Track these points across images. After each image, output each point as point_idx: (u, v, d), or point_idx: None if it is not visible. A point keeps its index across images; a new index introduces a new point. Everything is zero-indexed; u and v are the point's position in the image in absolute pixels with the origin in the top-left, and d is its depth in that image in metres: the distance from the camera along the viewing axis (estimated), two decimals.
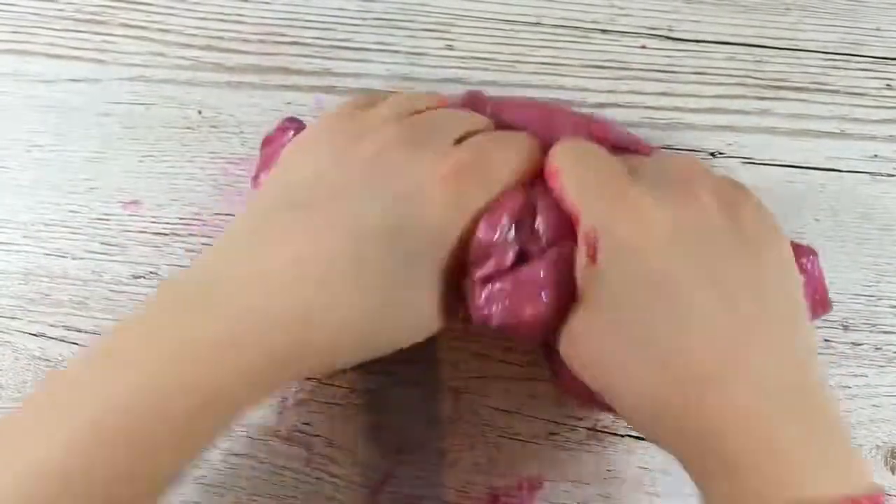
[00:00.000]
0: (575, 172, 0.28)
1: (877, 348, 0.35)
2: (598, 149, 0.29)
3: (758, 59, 0.38)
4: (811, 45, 0.38)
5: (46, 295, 0.36)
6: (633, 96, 0.37)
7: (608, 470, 0.34)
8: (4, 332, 0.35)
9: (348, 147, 0.28)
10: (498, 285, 0.28)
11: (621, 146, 0.32)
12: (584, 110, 0.37)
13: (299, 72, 0.38)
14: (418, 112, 0.30)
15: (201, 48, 0.38)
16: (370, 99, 0.31)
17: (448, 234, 0.27)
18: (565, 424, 0.34)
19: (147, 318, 0.25)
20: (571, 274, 0.28)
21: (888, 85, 0.38)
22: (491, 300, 0.28)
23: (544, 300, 0.27)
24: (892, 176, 0.37)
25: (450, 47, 0.38)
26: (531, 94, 0.37)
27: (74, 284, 0.36)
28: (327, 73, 0.38)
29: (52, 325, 0.35)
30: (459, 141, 0.29)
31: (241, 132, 0.37)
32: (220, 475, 0.34)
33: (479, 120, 0.31)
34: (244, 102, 0.37)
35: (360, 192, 0.27)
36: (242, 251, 0.26)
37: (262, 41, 0.38)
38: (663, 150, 0.37)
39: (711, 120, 0.37)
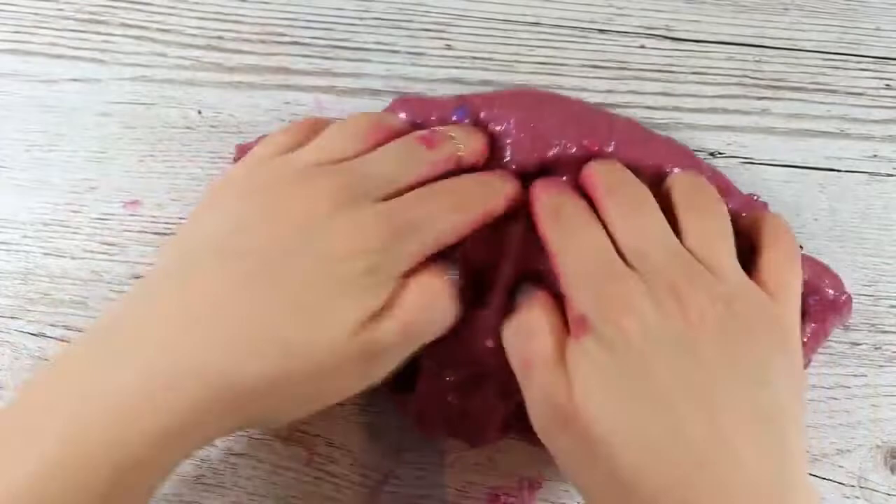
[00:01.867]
0: (569, 248, 0.28)
1: (876, 348, 0.35)
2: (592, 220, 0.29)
3: (757, 58, 0.38)
4: (810, 45, 0.38)
5: (46, 295, 0.36)
6: (632, 96, 0.37)
7: None
8: (4, 332, 0.35)
9: (272, 203, 0.27)
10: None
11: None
12: None
13: (299, 72, 0.38)
14: (352, 155, 0.29)
15: (201, 48, 0.38)
16: (299, 132, 0.31)
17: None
18: None
19: (57, 376, 0.25)
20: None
21: (887, 85, 0.38)
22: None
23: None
24: (891, 176, 0.37)
25: (448, 47, 0.38)
26: None
27: (74, 284, 0.36)
28: (327, 73, 0.38)
29: (51, 325, 0.35)
30: (399, 193, 0.28)
31: (241, 132, 0.37)
32: (220, 475, 0.34)
33: (425, 157, 0.30)
34: (244, 102, 0.37)
35: (283, 259, 0.26)
36: (160, 298, 0.26)
37: (262, 41, 0.38)
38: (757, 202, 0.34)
39: (710, 120, 0.37)
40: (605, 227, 0.29)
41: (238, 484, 0.34)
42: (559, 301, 0.29)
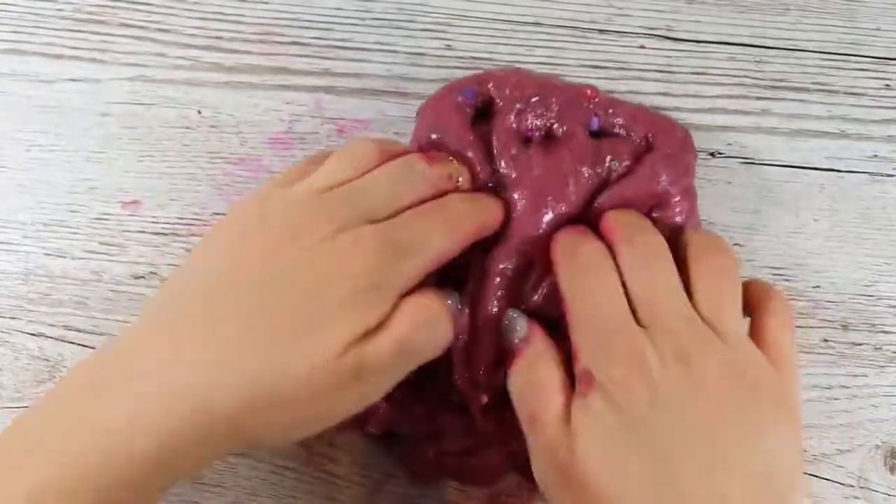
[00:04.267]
0: (582, 293, 0.28)
1: (876, 348, 0.35)
2: (611, 272, 0.29)
3: (757, 59, 0.38)
4: (810, 45, 0.38)
5: (46, 295, 0.36)
6: (632, 96, 0.37)
7: None
8: (4, 332, 0.35)
9: (271, 232, 0.28)
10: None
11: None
12: None
13: (299, 72, 0.38)
14: (354, 178, 0.29)
15: (201, 48, 0.38)
16: (306, 164, 0.31)
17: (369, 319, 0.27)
18: None
19: (51, 401, 0.26)
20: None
21: (887, 85, 0.38)
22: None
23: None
24: (892, 176, 0.37)
25: (449, 47, 0.38)
26: None
27: (74, 284, 0.36)
28: (327, 73, 0.38)
29: (51, 325, 0.35)
30: (399, 211, 0.29)
31: (241, 132, 0.37)
32: (220, 475, 0.34)
33: (425, 174, 0.30)
34: (244, 102, 0.37)
35: (275, 284, 0.26)
36: (148, 337, 0.27)
37: (261, 41, 0.38)
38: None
39: (711, 120, 0.37)
40: (620, 276, 0.29)
41: (238, 484, 0.34)
42: (562, 344, 0.29)
